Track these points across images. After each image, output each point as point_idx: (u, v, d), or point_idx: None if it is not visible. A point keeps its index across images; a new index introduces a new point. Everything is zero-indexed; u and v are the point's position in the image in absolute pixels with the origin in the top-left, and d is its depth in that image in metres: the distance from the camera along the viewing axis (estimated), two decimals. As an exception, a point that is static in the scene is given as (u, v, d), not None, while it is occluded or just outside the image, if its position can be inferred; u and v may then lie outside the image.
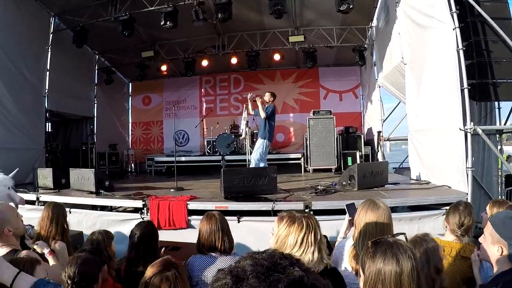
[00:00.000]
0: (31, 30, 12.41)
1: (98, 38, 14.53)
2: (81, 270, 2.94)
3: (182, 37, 15.03)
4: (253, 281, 1.01)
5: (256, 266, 1.05)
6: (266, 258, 1.10)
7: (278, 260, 1.08)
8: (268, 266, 1.06)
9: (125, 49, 16.11)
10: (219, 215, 3.89)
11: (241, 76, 18.56)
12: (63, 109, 14.80)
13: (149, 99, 19.90)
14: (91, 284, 3.01)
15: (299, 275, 1.05)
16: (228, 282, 1.04)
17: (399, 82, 11.13)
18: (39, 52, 13.04)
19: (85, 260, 3.05)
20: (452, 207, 4.08)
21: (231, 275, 1.05)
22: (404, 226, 5.88)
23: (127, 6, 12.20)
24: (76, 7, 12.99)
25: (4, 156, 10.78)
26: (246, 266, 1.07)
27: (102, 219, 7.87)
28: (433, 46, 8.23)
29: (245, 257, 1.13)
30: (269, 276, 1.02)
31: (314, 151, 13.03)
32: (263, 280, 1.01)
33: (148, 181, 12.54)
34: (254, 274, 1.02)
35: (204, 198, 7.85)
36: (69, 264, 3.01)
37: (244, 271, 1.05)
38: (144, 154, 18.57)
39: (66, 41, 13.77)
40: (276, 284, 1.00)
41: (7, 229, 3.23)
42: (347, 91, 17.52)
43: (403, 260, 2.03)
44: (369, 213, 3.33)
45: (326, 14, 13.51)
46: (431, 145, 8.72)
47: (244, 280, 1.02)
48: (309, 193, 7.72)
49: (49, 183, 9.80)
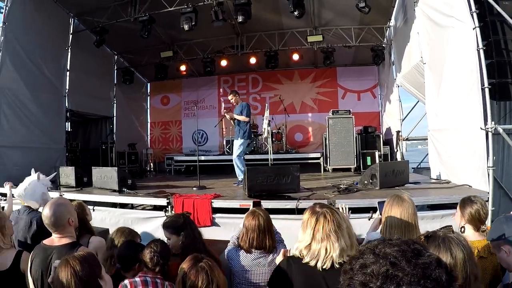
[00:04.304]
0: (51, 31, 12.59)
1: (117, 38, 14.73)
2: (164, 248, 3.56)
3: (201, 38, 15.12)
4: (405, 264, 1.07)
5: (402, 252, 1.11)
6: (403, 243, 1.16)
7: (413, 246, 1.14)
8: (410, 250, 1.11)
9: (143, 50, 16.23)
10: (264, 212, 3.88)
11: (259, 76, 18.57)
12: (83, 108, 14.99)
13: (168, 99, 20.03)
14: (167, 261, 3.52)
15: (436, 256, 1.13)
16: (384, 266, 1.08)
17: (418, 81, 11.09)
18: (59, 52, 13.24)
19: (164, 242, 3.76)
20: (462, 200, 4.09)
21: (385, 260, 1.10)
22: (426, 225, 5.87)
23: (147, 6, 12.32)
24: (95, 8, 13.17)
25: (26, 155, 11.02)
26: (392, 251, 1.12)
27: (125, 217, 7.94)
28: (452, 46, 8.17)
29: (378, 244, 1.19)
30: (417, 259, 1.08)
31: (333, 150, 13.01)
32: (414, 263, 1.06)
33: (169, 180, 12.55)
34: (403, 258, 1.08)
35: (228, 196, 7.89)
36: (154, 242, 3.58)
37: (394, 256, 1.10)
38: (163, 154, 18.74)
39: (86, 41, 13.99)
40: (427, 266, 1.07)
41: (71, 219, 3.38)
42: (365, 90, 17.45)
43: (457, 252, 2.09)
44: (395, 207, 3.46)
45: (344, 14, 13.55)
46: (451, 145, 8.66)
47: (396, 264, 1.07)
48: (332, 192, 7.72)
49: (71, 182, 9.92)
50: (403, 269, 1.06)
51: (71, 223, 3.39)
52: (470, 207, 3.87)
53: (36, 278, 3.14)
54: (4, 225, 3.78)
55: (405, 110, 14.05)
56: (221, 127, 18.12)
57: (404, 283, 1.03)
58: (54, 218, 3.25)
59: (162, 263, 3.40)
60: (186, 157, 16.25)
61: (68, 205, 3.53)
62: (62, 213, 3.30)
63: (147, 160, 18.34)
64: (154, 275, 3.33)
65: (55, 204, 3.33)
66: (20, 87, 11.19)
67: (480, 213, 3.83)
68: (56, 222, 3.26)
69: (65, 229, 3.33)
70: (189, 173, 14.42)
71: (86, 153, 15.97)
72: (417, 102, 13.38)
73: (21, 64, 11.23)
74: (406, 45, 11.57)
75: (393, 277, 1.05)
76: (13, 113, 10.96)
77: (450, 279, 1.07)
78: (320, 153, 14.14)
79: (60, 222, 3.28)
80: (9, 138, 10.76)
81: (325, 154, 13.44)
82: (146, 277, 3.27)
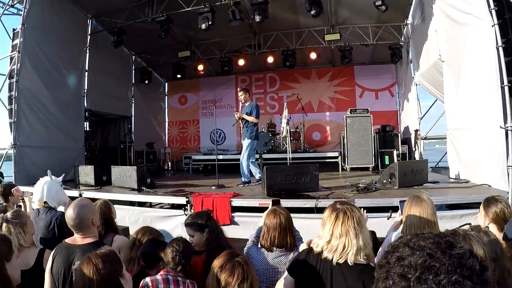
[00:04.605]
0: (69, 32, 12.77)
1: (134, 39, 14.86)
2: (186, 247, 3.54)
3: (218, 37, 15.18)
4: (440, 255, 1.10)
5: (436, 244, 1.14)
6: (436, 236, 1.20)
7: (445, 238, 1.17)
8: (444, 242, 1.15)
9: (161, 50, 16.35)
10: (285, 211, 3.86)
11: (276, 75, 18.59)
12: (101, 108, 15.17)
13: (185, 98, 20.16)
14: (189, 259, 3.52)
15: (468, 247, 1.18)
16: (421, 257, 1.12)
17: (437, 79, 10.98)
18: (78, 53, 13.42)
19: (186, 241, 3.73)
20: (486, 199, 4.00)
21: (421, 252, 1.13)
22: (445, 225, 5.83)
23: (164, 7, 12.41)
24: (113, 9, 13.31)
25: (45, 154, 11.24)
26: (427, 244, 1.16)
27: (144, 215, 8.04)
28: (471, 43, 8.09)
29: (412, 238, 1.22)
30: (451, 250, 1.12)
31: (351, 149, 12.95)
32: (449, 254, 1.10)
33: (187, 178, 12.66)
34: (438, 249, 1.12)
35: (247, 195, 7.93)
36: (176, 241, 3.56)
37: (430, 248, 1.13)
38: (181, 153, 18.85)
39: (104, 42, 14.19)
40: (462, 255, 1.10)
41: (94, 220, 3.43)
42: (383, 89, 17.33)
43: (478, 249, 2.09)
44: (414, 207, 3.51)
45: (361, 12, 13.49)
46: (470, 143, 8.58)
47: (433, 255, 1.10)
48: (351, 191, 7.71)
49: (91, 180, 10.08)
50: (439, 259, 1.09)
51: (94, 223, 3.44)
52: (495, 206, 3.82)
53: (58, 276, 3.18)
54: (25, 223, 3.84)
55: (423, 109, 13.93)
56: (238, 126, 18.07)
57: (442, 272, 1.06)
58: (78, 220, 3.29)
59: (184, 262, 3.41)
60: (204, 156, 16.36)
61: (91, 205, 3.58)
62: (85, 214, 3.35)
63: (165, 159, 18.48)
64: (176, 273, 3.35)
65: (78, 206, 3.37)
66: (39, 88, 11.36)
67: (505, 212, 3.77)
68: (80, 223, 3.31)
69: (89, 229, 3.38)
70: (207, 172, 14.49)
71: (104, 152, 16.13)
72: (435, 101, 13.23)
73: (40, 65, 11.40)
74: (424, 43, 11.47)
75: (431, 267, 1.08)
76: (33, 113, 11.13)
77: (482, 268, 1.10)
78: (338, 152, 14.11)
79: (84, 223, 3.33)
80: (29, 137, 10.92)
81: (343, 153, 13.41)
82: (168, 275, 3.30)
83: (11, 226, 3.74)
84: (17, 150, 10.49)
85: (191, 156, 16.48)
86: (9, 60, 10.99)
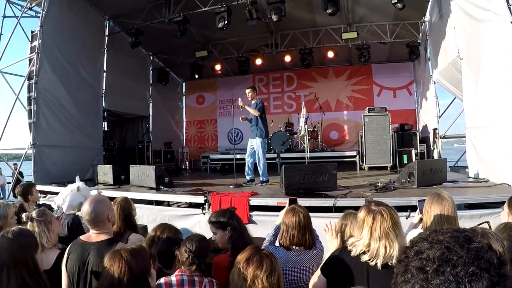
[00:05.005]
0: (87, 34, 12.99)
1: (152, 39, 15.02)
2: (200, 246, 3.36)
3: (235, 37, 15.24)
4: (458, 248, 1.11)
5: (455, 237, 1.15)
6: (454, 231, 1.20)
7: (464, 233, 1.18)
8: (462, 236, 1.16)
9: (178, 50, 16.51)
10: (304, 209, 3.84)
11: (293, 74, 18.60)
12: (119, 108, 15.37)
13: (203, 98, 20.29)
14: (205, 258, 3.41)
15: (486, 242, 1.18)
16: (439, 250, 1.13)
17: (455, 77, 10.85)
18: (96, 54, 13.63)
19: (202, 238, 3.54)
20: (510, 198, 3.90)
21: (439, 245, 1.15)
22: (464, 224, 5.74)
23: (181, 7, 12.50)
24: (130, 10, 13.44)
25: (64, 154, 11.48)
26: (445, 238, 1.17)
27: (163, 214, 8.08)
28: (490, 40, 7.99)
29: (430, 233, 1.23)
30: (470, 244, 1.13)
31: (369, 148, 12.84)
32: (467, 247, 1.11)
33: (205, 178, 12.71)
34: (456, 243, 1.13)
35: (265, 194, 7.92)
36: (189, 240, 3.40)
37: (448, 242, 1.15)
38: (198, 152, 18.96)
39: (121, 43, 14.39)
40: (479, 249, 1.11)
41: (109, 215, 3.45)
42: (401, 87, 17.20)
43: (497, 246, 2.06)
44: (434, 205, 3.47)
45: (378, 10, 13.40)
46: (489, 142, 8.45)
47: (451, 248, 1.11)
48: (369, 190, 7.67)
49: (109, 179, 10.19)
50: (457, 252, 1.10)
51: (110, 219, 3.45)
52: None
53: (72, 273, 3.19)
54: (51, 221, 3.87)
55: (441, 107, 13.76)
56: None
57: (459, 264, 1.07)
58: (94, 214, 3.31)
59: (198, 262, 3.32)
60: (221, 155, 16.45)
61: (107, 201, 3.59)
62: (101, 209, 3.36)
63: (182, 159, 18.58)
64: (192, 273, 3.28)
65: (94, 201, 3.40)
66: (58, 88, 11.55)
67: None
68: (96, 218, 3.32)
69: (104, 225, 3.39)
70: (225, 172, 14.50)
71: (122, 151, 16.34)
72: (453, 99, 13.09)
73: (58, 66, 11.60)
74: (442, 41, 11.35)
75: (449, 260, 1.09)
76: (51, 113, 11.33)
77: (501, 262, 1.11)
78: (356, 151, 14.06)
79: (100, 218, 3.34)
80: (48, 137, 11.13)
81: (361, 152, 13.32)
82: (183, 276, 3.24)
83: (36, 224, 3.78)
84: (36, 149, 10.69)
85: (208, 156, 16.59)
86: (28, 62, 11.18)
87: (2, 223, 4.35)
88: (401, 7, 10.91)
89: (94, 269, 3.11)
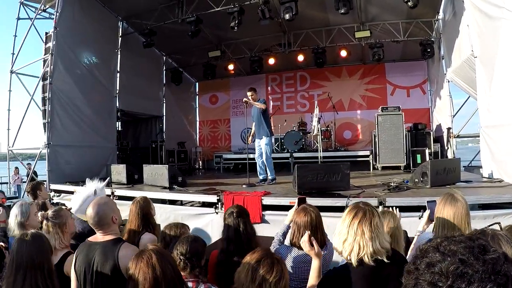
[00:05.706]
0: (101, 35, 13.17)
1: (165, 40, 15.14)
2: (192, 248, 3.35)
3: (248, 36, 15.30)
4: (473, 261, 1.06)
5: (469, 248, 1.11)
6: (467, 239, 1.15)
7: (478, 241, 1.13)
8: (477, 246, 1.11)
9: (191, 50, 16.59)
10: (315, 208, 3.82)
11: (307, 74, 18.59)
12: (133, 108, 15.49)
13: (216, 98, 20.40)
14: (199, 260, 3.38)
15: (502, 250, 1.13)
16: (453, 264, 1.08)
17: (469, 76, 10.73)
18: (109, 54, 13.79)
19: (194, 239, 3.51)
20: None
21: (453, 258, 1.09)
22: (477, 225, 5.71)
23: (193, 7, 12.56)
24: (143, 11, 13.57)
25: (78, 154, 11.65)
26: (458, 248, 1.11)
27: (176, 213, 8.09)
28: (504, 37, 7.86)
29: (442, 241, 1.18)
30: (485, 255, 1.08)
31: (382, 148, 12.74)
32: (482, 260, 1.06)
33: (218, 177, 12.75)
34: (471, 255, 1.08)
35: (278, 193, 7.91)
36: (180, 243, 3.39)
37: (462, 253, 1.10)
38: (211, 152, 19.05)
39: (135, 43, 14.56)
40: (496, 261, 1.06)
41: (114, 217, 3.47)
42: (414, 86, 17.09)
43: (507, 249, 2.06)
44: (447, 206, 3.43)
45: (390, 8, 13.35)
46: (504, 141, 8.30)
47: (465, 261, 1.07)
48: (382, 190, 7.62)
49: (123, 179, 10.27)
50: (472, 265, 1.05)
51: (114, 221, 3.47)
52: None
53: (79, 273, 3.24)
54: (65, 223, 3.93)
55: (455, 106, 13.61)
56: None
57: (475, 280, 1.02)
58: (98, 218, 3.35)
59: (191, 265, 3.29)
60: (234, 155, 16.50)
61: (111, 203, 3.63)
62: (105, 211, 3.40)
63: (195, 158, 18.71)
64: (186, 278, 3.19)
65: (98, 204, 3.43)
66: (72, 89, 11.70)
67: None
68: (100, 221, 3.36)
69: (109, 227, 3.42)
70: (238, 171, 14.53)
71: (136, 151, 16.47)
72: (468, 98, 12.95)
73: (72, 67, 11.76)
74: (455, 39, 11.23)
75: (464, 275, 1.04)
76: (66, 113, 11.48)
77: None
78: (369, 151, 14.00)
79: (104, 220, 3.38)
80: (62, 137, 11.28)
81: (374, 152, 13.25)
82: None
83: (51, 225, 3.83)
84: (50, 149, 10.85)
85: (222, 155, 16.63)
86: (42, 63, 11.32)
87: (25, 219, 4.48)
88: (412, 5, 10.84)
89: (99, 269, 3.15)
